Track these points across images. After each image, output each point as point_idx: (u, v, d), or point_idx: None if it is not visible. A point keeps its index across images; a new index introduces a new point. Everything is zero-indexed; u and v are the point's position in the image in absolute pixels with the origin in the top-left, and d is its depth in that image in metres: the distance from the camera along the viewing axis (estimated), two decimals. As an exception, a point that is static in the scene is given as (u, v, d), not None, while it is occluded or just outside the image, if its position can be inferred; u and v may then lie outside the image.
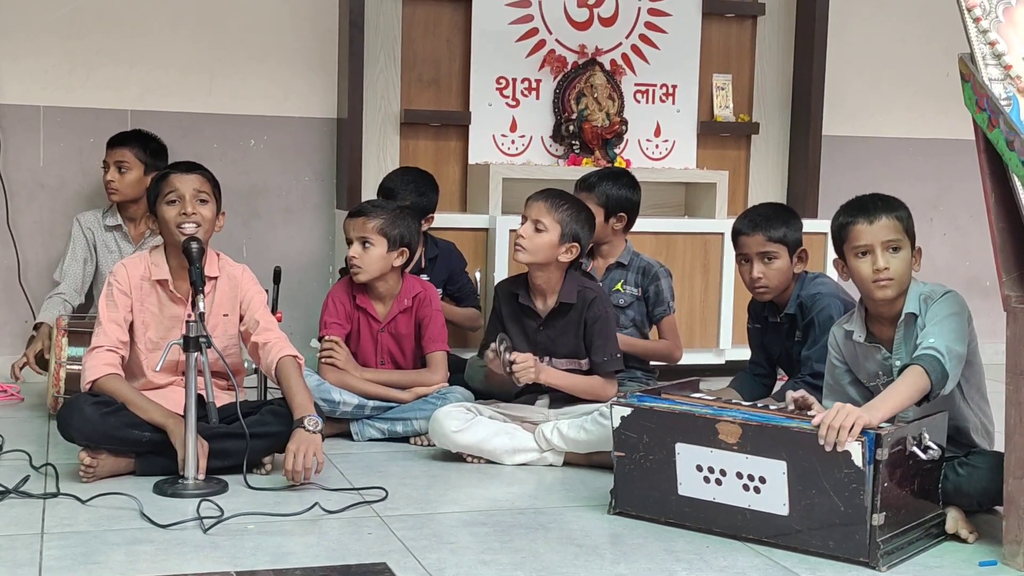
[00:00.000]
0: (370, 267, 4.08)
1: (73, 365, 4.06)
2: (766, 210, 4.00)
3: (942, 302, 3.15)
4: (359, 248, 4.08)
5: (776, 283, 3.87)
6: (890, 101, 5.98)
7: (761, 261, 3.86)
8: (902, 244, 3.22)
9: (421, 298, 4.18)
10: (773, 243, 3.85)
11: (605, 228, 4.43)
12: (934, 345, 3.05)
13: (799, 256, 3.89)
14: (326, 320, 4.15)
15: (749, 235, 3.88)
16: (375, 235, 4.07)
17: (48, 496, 3.29)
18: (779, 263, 3.86)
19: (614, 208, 4.44)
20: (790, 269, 3.88)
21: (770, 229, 3.86)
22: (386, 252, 4.08)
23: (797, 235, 3.90)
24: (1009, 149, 2.88)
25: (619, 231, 4.49)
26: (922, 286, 3.24)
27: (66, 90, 4.96)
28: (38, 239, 4.98)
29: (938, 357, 3.02)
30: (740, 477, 3.04)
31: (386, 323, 4.16)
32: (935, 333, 3.08)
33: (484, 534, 3.10)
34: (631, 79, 5.46)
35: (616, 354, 3.96)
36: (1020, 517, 2.90)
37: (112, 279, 3.67)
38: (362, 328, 4.17)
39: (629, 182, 4.52)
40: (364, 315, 4.16)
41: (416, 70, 5.29)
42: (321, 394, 3.93)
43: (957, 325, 3.10)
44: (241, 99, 5.16)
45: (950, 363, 3.03)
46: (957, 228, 6.12)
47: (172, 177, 3.66)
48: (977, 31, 3.01)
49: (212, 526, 3.06)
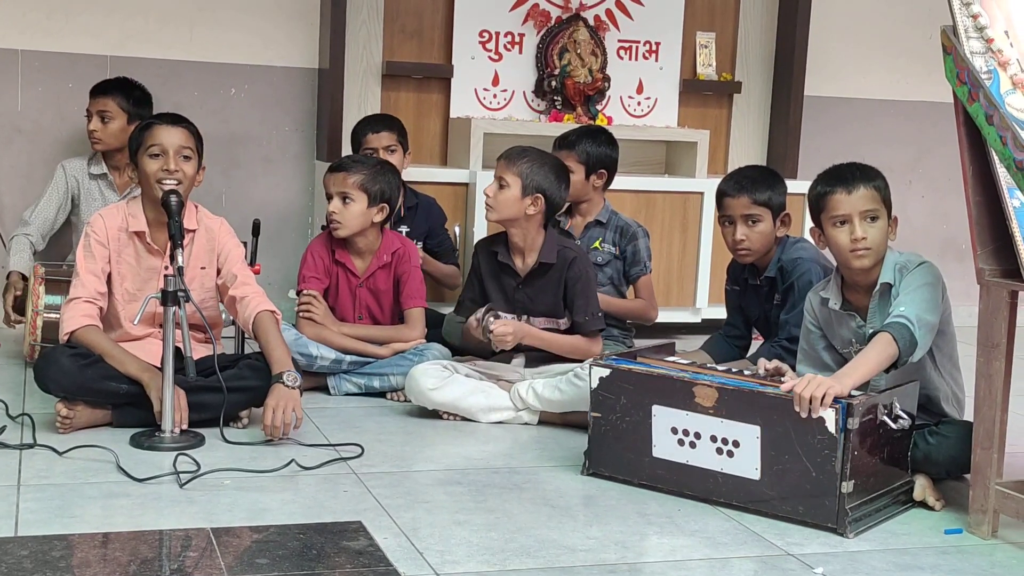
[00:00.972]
0: (350, 223, 4.08)
1: (50, 313, 4.06)
2: (752, 172, 3.99)
3: (916, 272, 3.18)
4: (339, 203, 4.07)
5: (758, 246, 3.89)
6: (873, 63, 5.98)
7: (745, 223, 3.87)
8: (879, 214, 3.24)
9: (400, 254, 4.19)
10: (757, 206, 3.86)
11: (586, 185, 4.45)
12: (904, 313, 3.08)
13: (782, 220, 3.90)
14: (304, 274, 4.16)
15: (734, 197, 3.89)
16: (355, 190, 4.07)
17: (24, 447, 3.30)
18: (762, 226, 3.87)
19: (594, 165, 4.46)
20: (773, 233, 3.89)
21: (755, 192, 3.86)
22: (366, 208, 4.08)
23: (781, 199, 3.91)
24: (988, 123, 2.89)
25: (599, 188, 4.51)
26: (897, 255, 3.26)
27: (44, 34, 4.92)
28: (15, 183, 4.96)
29: (907, 325, 3.05)
30: (714, 440, 3.07)
31: (365, 278, 4.16)
32: (906, 302, 3.11)
33: (459, 493, 3.13)
34: (615, 35, 5.45)
35: (597, 313, 3.98)
36: (986, 487, 2.95)
37: (89, 230, 3.66)
38: (340, 283, 4.17)
39: (608, 139, 4.53)
40: (343, 270, 4.16)
41: (399, 21, 5.26)
42: (298, 348, 3.94)
43: (930, 295, 3.13)
44: (222, 47, 5.12)
45: (919, 331, 3.06)
46: (935, 191, 6.14)
47: (156, 129, 3.63)
48: (960, 3, 3.01)
49: (188, 481, 3.07)
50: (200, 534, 2.75)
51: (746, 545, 2.86)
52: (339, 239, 4.14)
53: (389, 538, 2.77)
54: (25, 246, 4.55)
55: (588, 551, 2.76)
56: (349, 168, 4.12)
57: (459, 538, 2.80)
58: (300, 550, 2.68)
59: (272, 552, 2.65)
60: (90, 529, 2.75)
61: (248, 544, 2.71)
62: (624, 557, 2.75)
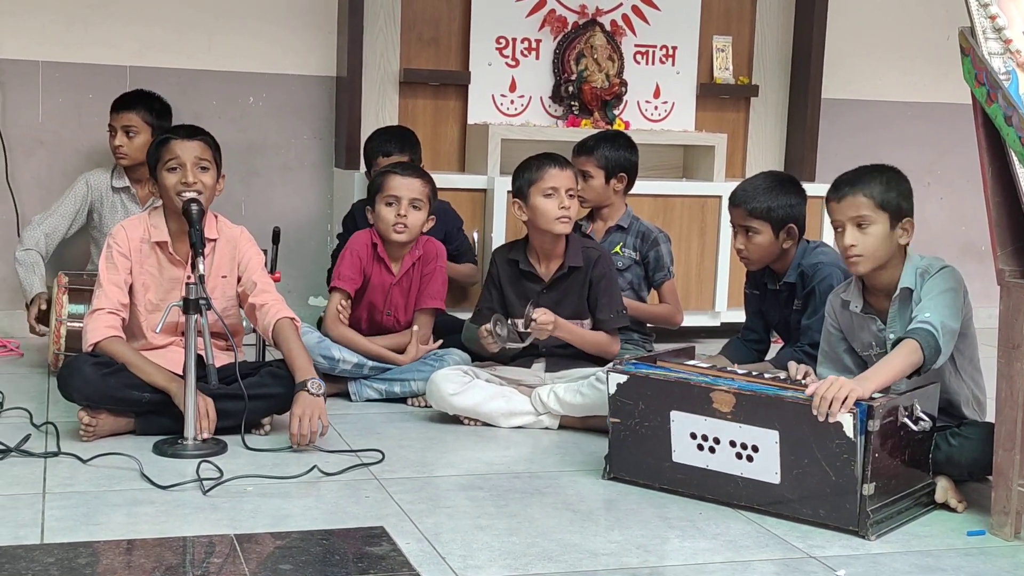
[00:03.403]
0: (415, 228, 4.12)
1: (74, 322, 4.09)
2: (762, 182, 3.90)
3: (938, 277, 3.18)
4: (409, 207, 4.09)
5: (757, 256, 3.86)
6: (889, 65, 5.98)
7: (743, 234, 3.86)
8: (872, 220, 3.19)
9: (428, 251, 4.21)
10: (753, 219, 3.81)
11: (606, 190, 4.47)
12: (929, 319, 3.07)
13: (787, 232, 3.84)
14: (342, 271, 4.16)
15: (733, 206, 3.87)
16: (425, 199, 4.12)
17: (49, 455, 3.32)
18: (759, 238, 3.83)
19: (614, 169, 4.47)
20: (774, 244, 3.84)
21: (753, 203, 3.81)
22: (426, 217, 4.13)
23: (786, 211, 3.83)
24: (1007, 124, 2.89)
25: (620, 192, 4.53)
26: (919, 260, 3.26)
27: (64, 46, 4.95)
28: (36, 194, 4.98)
29: (932, 332, 3.05)
30: (733, 445, 3.08)
31: (399, 278, 4.18)
32: (930, 307, 3.10)
33: (480, 498, 3.14)
34: (631, 40, 5.46)
35: (621, 310, 4.01)
36: (1008, 488, 2.94)
37: (111, 241, 3.69)
38: (374, 279, 4.18)
39: (626, 143, 4.55)
40: (380, 266, 4.17)
41: (416, 29, 5.28)
42: (321, 351, 3.97)
43: (952, 300, 3.13)
44: (240, 56, 5.14)
45: (943, 338, 3.06)
46: (953, 192, 6.13)
47: (173, 143, 3.66)
48: (978, 4, 3.01)
49: (212, 488, 3.09)
50: (223, 540, 2.76)
51: (768, 548, 2.86)
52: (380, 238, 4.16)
53: (411, 543, 2.78)
54: (37, 262, 4.54)
55: (610, 555, 2.77)
56: (423, 176, 4.18)
57: (481, 543, 2.81)
58: (323, 556, 2.70)
59: (295, 558, 2.67)
60: (115, 536, 2.77)
61: (271, 550, 2.73)
62: (646, 561, 2.75)
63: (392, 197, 4.09)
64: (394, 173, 4.15)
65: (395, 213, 4.07)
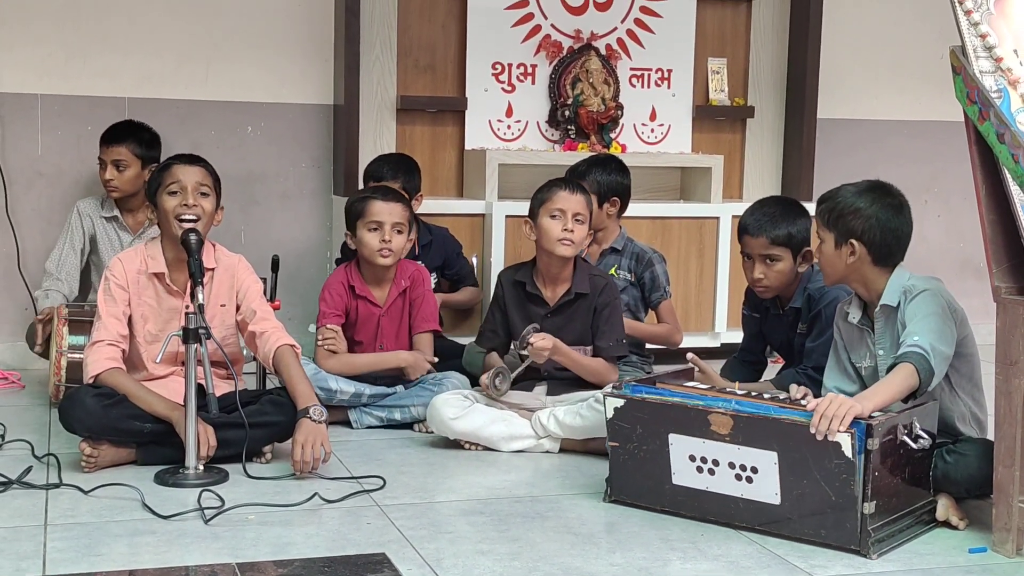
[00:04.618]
0: (399, 252, 4.15)
1: (74, 354, 4.09)
2: (773, 209, 3.90)
3: (919, 301, 3.20)
4: (393, 232, 4.11)
5: (777, 283, 3.86)
6: (884, 84, 6.00)
7: (763, 263, 3.84)
8: (822, 237, 3.38)
9: (415, 278, 4.23)
10: (776, 246, 3.81)
11: (600, 214, 4.48)
12: (919, 343, 3.09)
13: (803, 256, 3.85)
14: (323, 310, 4.19)
15: (753, 236, 3.85)
16: (406, 223, 4.16)
17: (51, 487, 3.33)
18: (781, 265, 3.84)
19: (606, 193, 4.49)
20: (793, 270, 3.85)
21: (775, 231, 3.81)
22: (407, 238, 4.18)
23: (803, 235, 3.85)
24: (999, 142, 2.91)
25: (613, 216, 4.54)
26: (904, 278, 3.28)
27: (63, 78, 4.98)
28: (36, 227, 5.00)
29: (924, 355, 3.07)
30: (732, 467, 3.08)
31: (386, 307, 4.19)
32: (919, 331, 3.12)
33: (482, 523, 3.14)
34: (626, 64, 5.48)
35: (621, 339, 4.02)
36: (1009, 505, 2.95)
37: (109, 274, 3.70)
38: (362, 314, 4.20)
39: (618, 167, 4.57)
40: (364, 302, 4.19)
41: (412, 56, 5.31)
42: (318, 383, 3.97)
43: (938, 324, 3.14)
44: (237, 86, 5.17)
45: (935, 360, 3.08)
46: (950, 210, 6.14)
47: (175, 168, 3.69)
48: (968, 23, 3.03)
49: (213, 517, 3.10)
50: (226, 569, 2.76)
51: (769, 568, 2.86)
52: (357, 272, 4.18)
53: (413, 569, 2.78)
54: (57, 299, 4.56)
55: (612, 578, 2.77)
56: (401, 200, 4.21)
57: (483, 568, 2.81)
58: (325, 583, 2.70)
59: (297, 586, 2.67)
60: (117, 567, 2.77)
61: (273, 578, 2.73)
62: (648, 583, 2.76)
63: (375, 223, 4.11)
64: (374, 199, 4.16)
65: (379, 239, 4.09)
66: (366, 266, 4.19)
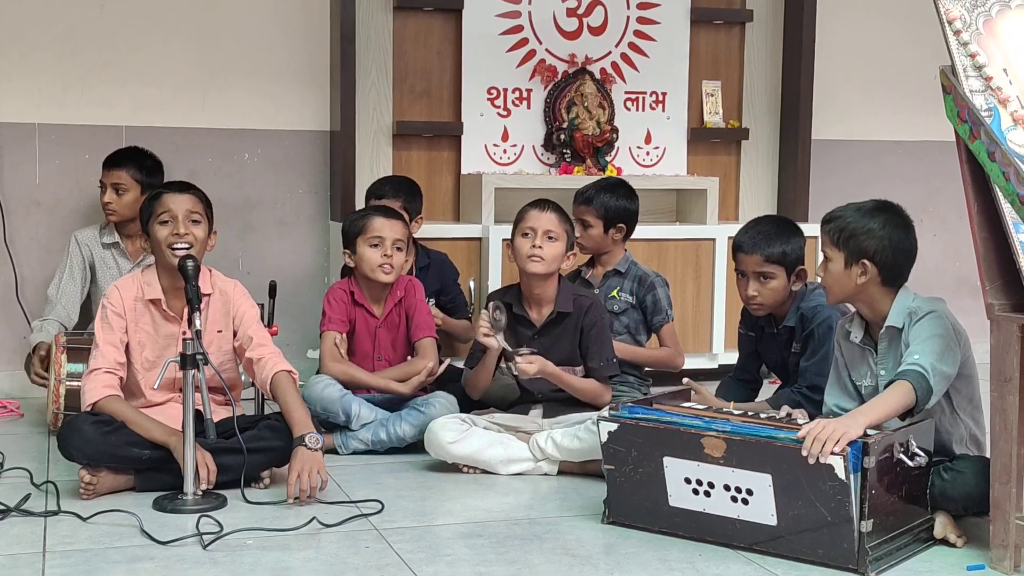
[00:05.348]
0: (399, 269, 4.21)
1: (73, 381, 4.10)
2: (767, 227, 3.94)
3: (925, 323, 3.20)
4: (394, 250, 4.15)
5: (771, 301, 3.89)
6: (878, 104, 6.03)
7: (757, 280, 3.87)
8: (831, 256, 3.33)
9: (408, 288, 4.27)
10: (770, 264, 3.84)
11: (605, 239, 4.51)
12: (919, 362, 3.10)
13: (797, 275, 3.88)
14: (329, 315, 4.20)
15: (747, 254, 3.88)
16: (406, 240, 4.23)
17: (49, 514, 3.33)
18: (775, 283, 3.87)
19: (613, 219, 4.50)
20: (787, 288, 3.88)
21: (769, 248, 3.84)
22: (406, 258, 4.23)
23: (797, 253, 3.88)
24: (990, 160, 2.93)
25: (619, 241, 4.56)
26: (910, 300, 3.29)
27: (60, 107, 5.00)
28: (35, 255, 5.02)
29: (923, 373, 3.08)
30: (728, 489, 3.08)
31: (383, 319, 4.21)
32: (920, 351, 3.13)
33: (480, 546, 3.15)
34: (621, 87, 5.51)
35: (612, 359, 4.02)
36: (1006, 521, 2.95)
37: (106, 302, 3.72)
38: (359, 326, 4.22)
39: (627, 192, 4.58)
40: (363, 312, 4.22)
41: (408, 82, 5.34)
42: (343, 407, 4.00)
43: (941, 346, 3.15)
44: (234, 113, 5.20)
45: (935, 379, 3.09)
46: (947, 229, 6.16)
47: (165, 197, 3.70)
48: (958, 43, 3.06)
49: (212, 542, 3.10)
50: (224, 594, 2.77)
51: (768, 588, 2.87)
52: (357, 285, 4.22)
53: (411, 592, 2.78)
54: (54, 327, 4.57)
55: (610, 599, 2.77)
56: (402, 219, 4.26)
57: (481, 590, 2.81)
58: (323, 607, 2.70)
59: (296, 610, 2.67)
60: (115, 593, 2.78)
61: (272, 603, 2.73)
62: (646, 604, 2.76)
63: (377, 239, 4.14)
64: (375, 215, 4.21)
65: (381, 254, 4.12)
66: (364, 283, 4.20)
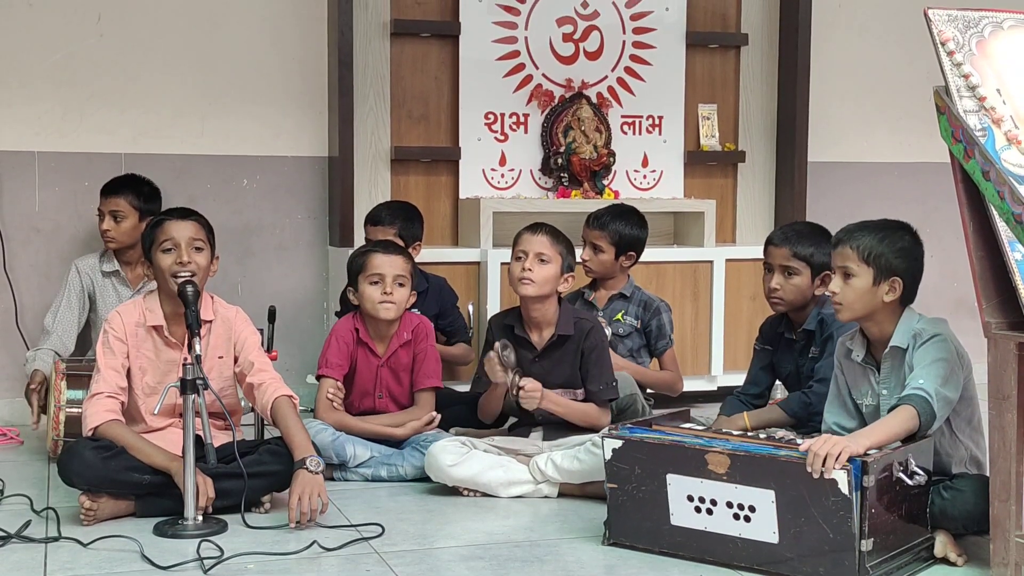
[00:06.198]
0: (402, 305, 4.14)
1: (72, 408, 4.10)
2: (802, 227, 4.11)
3: (930, 346, 3.20)
4: (395, 285, 4.12)
5: (791, 298, 3.95)
6: (874, 126, 6.06)
7: (782, 274, 3.95)
8: (855, 272, 3.29)
9: (418, 331, 4.23)
10: (797, 259, 3.94)
11: (614, 265, 4.55)
12: (923, 387, 3.11)
13: (822, 280, 3.92)
14: (329, 359, 4.17)
15: (777, 246, 3.99)
16: (408, 275, 4.15)
17: (50, 540, 3.33)
18: (798, 280, 3.94)
19: (625, 247, 4.55)
20: (809, 288, 3.95)
21: (799, 245, 3.95)
22: (409, 292, 4.17)
23: (825, 259, 3.90)
24: (985, 179, 2.95)
25: (627, 267, 4.59)
26: (915, 321, 3.30)
27: (59, 135, 5.03)
28: (34, 283, 5.03)
29: (927, 398, 3.09)
30: (730, 507, 3.09)
31: (386, 359, 4.20)
32: (924, 375, 3.14)
33: (481, 568, 3.15)
34: (618, 111, 5.54)
35: (612, 382, 4.03)
36: (1006, 540, 2.95)
37: (108, 327, 3.73)
38: (360, 362, 4.20)
39: (639, 220, 4.63)
40: (365, 350, 4.20)
41: (405, 107, 5.36)
42: (336, 449, 3.98)
43: (945, 371, 3.16)
44: (233, 140, 5.22)
45: (938, 404, 3.10)
46: (944, 250, 6.17)
47: (167, 225, 3.71)
48: (951, 64, 3.09)
49: (212, 566, 3.10)
50: (225, 619, 2.77)
51: (769, 608, 2.86)
52: (361, 321, 4.19)
53: (413, 615, 2.78)
54: (49, 356, 4.57)
55: (611, 620, 2.77)
56: (404, 253, 4.23)
57: (482, 612, 2.81)
58: (325, 630, 2.70)
59: (297, 633, 2.67)
60: (116, 618, 2.77)
61: (273, 627, 2.73)
62: (647, 624, 2.76)
63: (377, 276, 4.13)
64: (375, 252, 4.19)
65: (381, 291, 4.10)
66: (369, 320, 4.19)
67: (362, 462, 4.03)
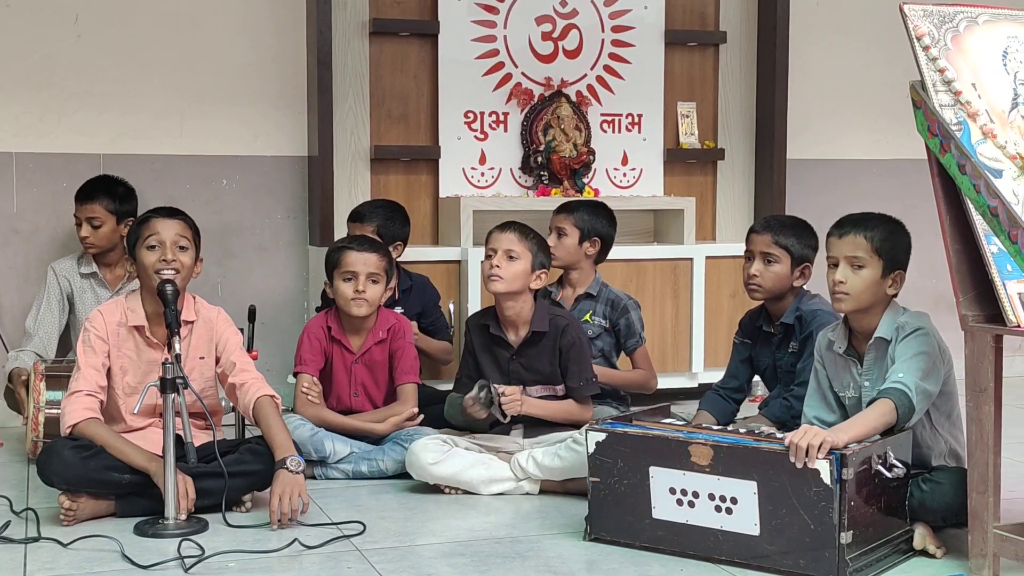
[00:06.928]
0: (374, 301, 4.14)
1: (52, 409, 4.08)
2: (785, 219, 4.21)
3: (912, 340, 3.23)
4: (367, 282, 4.12)
5: (769, 285, 3.97)
6: (853, 124, 6.08)
7: (762, 260, 3.98)
8: (865, 262, 3.29)
9: (395, 329, 4.24)
10: (777, 247, 3.97)
11: (578, 251, 4.52)
12: (903, 380, 3.13)
13: (802, 271, 3.98)
14: (302, 356, 4.19)
15: (759, 233, 4.03)
16: (382, 272, 4.15)
17: (29, 541, 3.31)
18: (778, 267, 3.96)
19: (589, 232, 4.53)
20: (788, 278, 3.98)
21: (780, 234, 3.99)
22: (384, 289, 4.17)
23: (805, 250, 4.00)
24: (961, 173, 2.96)
25: (591, 257, 4.57)
26: (899, 314, 3.31)
27: (38, 136, 5.01)
28: (13, 284, 5.01)
29: (906, 391, 3.11)
30: (712, 499, 3.10)
31: (360, 354, 4.20)
32: (904, 369, 3.16)
33: (462, 565, 3.15)
34: (597, 109, 5.55)
35: (591, 378, 4.04)
36: (984, 531, 2.97)
37: (89, 325, 3.71)
38: (335, 360, 4.21)
39: (607, 214, 4.63)
40: (339, 347, 4.20)
41: (385, 106, 5.36)
42: (315, 444, 3.97)
43: (926, 364, 3.18)
44: (212, 140, 5.21)
45: (917, 397, 3.12)
46: (923, 247, 6.12)
47: (154, 222, 3.71)
48: (927, 59, 3.10)
49: (193, 565, 3.09)
50: (206, 617, 2.76)
51: (749, 601, 2.88)
52: (335, 318, 4.19)
53: (394, 611, 2.78)
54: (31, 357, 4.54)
55: (592, 614, 2.78)
56: (379, 250, 4.21)
57: (464, 608, 2.81)
58: (306, 627, 2.70)
59: (278, 630, 2.67)
60: (97, 617, 2.77)
61: (254, 624, 2.73)
62: (628, 618, 2.76)
63: (350, 273, 4.13)
64: (349, 249, 4.19)
65: (353, 288, 4.10)
66: (343, 316, 4.20)
67: (342, 458, 4.03)
